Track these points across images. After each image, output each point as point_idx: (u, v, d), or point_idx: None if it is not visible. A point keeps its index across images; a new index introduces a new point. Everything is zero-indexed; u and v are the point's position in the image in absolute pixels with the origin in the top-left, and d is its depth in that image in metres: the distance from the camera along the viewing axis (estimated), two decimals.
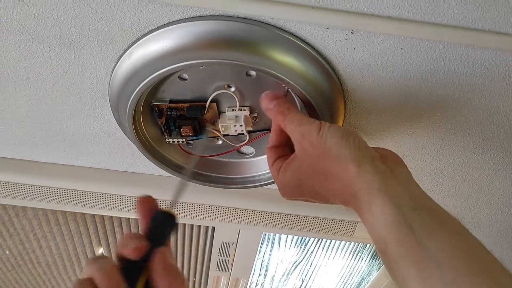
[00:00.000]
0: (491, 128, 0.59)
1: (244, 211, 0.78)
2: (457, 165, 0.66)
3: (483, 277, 0.33)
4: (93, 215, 0.86)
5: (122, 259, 0.39)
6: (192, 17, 0.49)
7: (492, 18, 0.45)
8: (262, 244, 0.91)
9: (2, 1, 0.48)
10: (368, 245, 1.00)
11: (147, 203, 0.42)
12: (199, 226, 0.89)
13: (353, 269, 1.07)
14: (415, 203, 0.38)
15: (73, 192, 0.77)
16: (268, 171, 0.65)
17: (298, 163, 0.47)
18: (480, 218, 0.77)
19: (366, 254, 1.02)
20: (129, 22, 0.49)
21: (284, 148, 0.53)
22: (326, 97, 0.54)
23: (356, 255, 1.02)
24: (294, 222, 0.78)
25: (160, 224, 0.41)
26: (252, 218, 0.79)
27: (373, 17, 0.46)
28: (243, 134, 0.60)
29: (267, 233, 0.90)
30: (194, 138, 0.62)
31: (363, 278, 1.09)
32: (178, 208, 0.78)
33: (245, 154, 0.67)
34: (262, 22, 0.49)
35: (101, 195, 0.77)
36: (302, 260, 0.97)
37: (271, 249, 0.94)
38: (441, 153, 0.64)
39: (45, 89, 0.60)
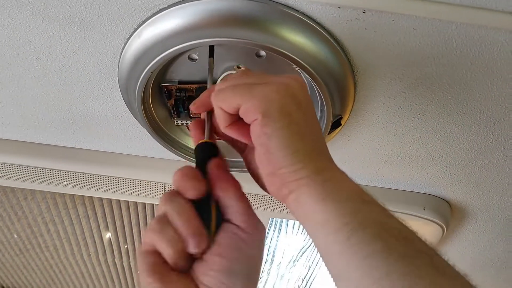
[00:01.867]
0: (502, 112, 0.58)
1: (251, 196, 0.78)
2: (467, 150, 0.66)
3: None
4: (101, 198, 0.87)
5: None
6: None
7: None
8: (269, 229, 0.91)
9: None
10: None
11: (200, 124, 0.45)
12: None
13: None
14: None
15: (82, 175, 0.77)
16: None
17: None
18: (489, 205, 0.77)
19: None
20: (140, 0, 0.49)
21: None
22: (336, 78, 0.53)
23: None
24: None
25: (204, 154, 0.42)
26: (259, 202, 0.79)
27: None
28: None
29: (274, 219, 0.90)
30: None
31: None
32: None
33: None
34: (273, 1, 0.48)
35: (109, 179, 0.77)
36: (309, 246, 0.97)
37: (278, 235, 0.94)
38: (451, 137, 0.64)
39: (54, 69, 0.60)
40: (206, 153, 0.43)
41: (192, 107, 0.45)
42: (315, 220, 0.37)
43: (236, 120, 0.41)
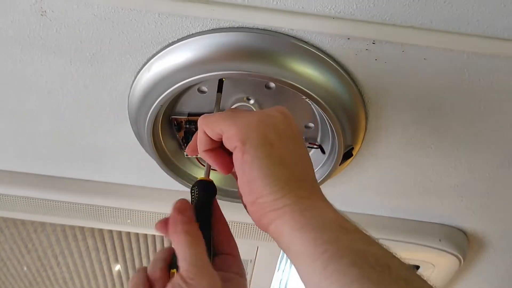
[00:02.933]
0: None
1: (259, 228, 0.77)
2: (482, 180, 0.64)
3: None
4: (111, 230, 0.86)
5: None
6: (211, 29, 0.49)
7: None
8: (280, 261, 0.89)
9: (25, 16, 0.49)
10: None
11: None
12: None
13: None
14: None
15: (91, 207, 0.76)
16: None
17: None
18: (508, 235, 0.75)
19: None
20: (149, 35, 0.50)
21: None
22: (347, 109, 0.53)
23: None
24: None
25: (205, 193, 0.43)
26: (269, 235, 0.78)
27: (395, 27, 0.46)
28: None
29: None
30: None
31: None
32: None
33: None
34: (282, 33, 0.48)
35: (119, 211, 0.76)
36: None
37: (290, 267, 0.92)
38: (466, 167, 0.62)
39: (66, 103, 0.60)
40: (207, 193, 0.43)
41: (188, 150, 0.46)
42: (294, 250, 0.36)
43: (216, 147, 0.42)
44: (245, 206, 0.42)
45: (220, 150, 0.41)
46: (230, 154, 0.40)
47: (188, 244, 0.38)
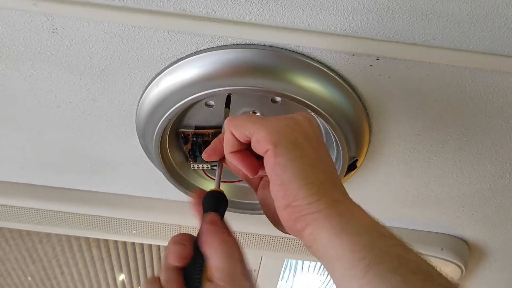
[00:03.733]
0: None
1: (266, 237, 0.78)
2: (483, 190, 0.65)
3: None
4: (116, 241, 0.87)
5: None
6: (219, 46, 0.50)
7: None
8: (284, 271, 0.90)
9: (36, 32, 0.50)
10: None
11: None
12: None
13: None
14: None
15: (97, 218, 0.77)
16: None
17: None
18: (508, 244, 0.75)
19: None
20: (158, 51, 0.51)
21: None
22: (351, 122, 0.54)
23: None
24: None
25: (212, 203, 0.42)
26: (274, 244, 0.79)
27: (398, 44, 0.47)
28: None
29: (289, 260, 0.89)
30: None
31: None
32: None
33: None
34: (288, 49, 0.49)
35: (124, 221, 0.77)
36: (326, 287, 0.95)
37: (294, 276, 0.93)
38: (467, 178, 0.63)
39: (74, 117, 0.61)
40: (214, 202, 0.43)
41: (204, 155, 0.45)
42: (331, 255, 0.36)
43: (242, 149, 0.41)
44: (269, 215, 0.42)
45: (246, 151, 0.41)
46: (256, 156, 0.40)
47: (225, 254, 0.37)
